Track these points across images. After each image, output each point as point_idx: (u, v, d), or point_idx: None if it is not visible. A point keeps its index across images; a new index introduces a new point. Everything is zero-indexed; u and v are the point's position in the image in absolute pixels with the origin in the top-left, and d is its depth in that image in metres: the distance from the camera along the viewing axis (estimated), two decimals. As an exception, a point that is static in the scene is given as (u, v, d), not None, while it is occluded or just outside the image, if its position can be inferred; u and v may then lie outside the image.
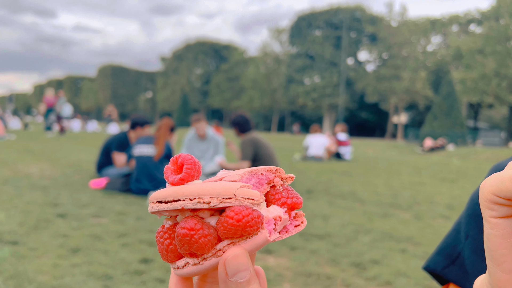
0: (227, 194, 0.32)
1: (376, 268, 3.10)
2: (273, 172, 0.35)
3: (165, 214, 0.34)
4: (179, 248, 0.32)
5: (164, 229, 0.34)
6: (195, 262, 0.32)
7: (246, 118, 6.36)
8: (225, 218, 0.31)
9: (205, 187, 0.32)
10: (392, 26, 46.00)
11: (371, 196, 6.22)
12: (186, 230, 0.31)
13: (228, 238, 0.32)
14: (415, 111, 49.40)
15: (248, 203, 0.32)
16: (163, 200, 0.33)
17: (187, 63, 69.79)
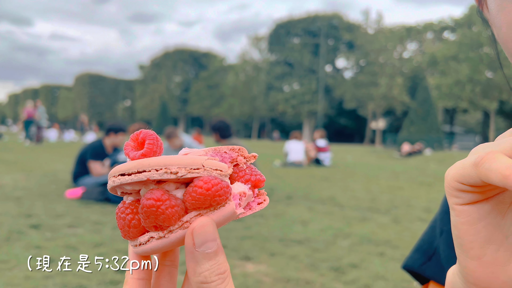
0: (195, 164, 0.31)
1: (355, 272, 3.11)
2: (236, 151, 0.35)
3: (127, 188, 0.32)
4: (143, 221, 0.31)
5: (125, 204, 0.33)
6: (160, 236, 0.31)
7: (227, 124, 6.35)
8: (194, 188, 0.30)
9: (171, 158, 0.31)
10: (369, 34, 46.82)
11: (350, 201, 6.27)
12: (152, 201, 0.30)
13: (196, 209, 0.31)
14: (393, 117, 50.21)
15: (216, 174, 0.31)
16: (126, 173, 0.31)
17: (166, 71, 69.41)
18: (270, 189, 7.16)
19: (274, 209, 5.40)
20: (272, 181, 8.20)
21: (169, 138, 6.74)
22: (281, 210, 5.38)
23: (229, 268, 0.31)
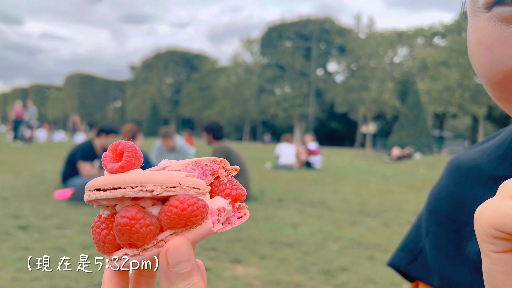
0: (171, 182, 0.30)
1: (345, 275, 3.12)
2: (217, 163, 0.34)
3: (103, 203, 0.32)
4: (118, 239, 0.31)
5: (101, 218, 0.32)
6: (135, 253, 0.31)
7: (220, 125, 6.36)
8: (169, 207, 0.30)
9: (148, 175, 0.30)
10: (360, 38, 47.13)
11: (340, 204, 6.29)
12: (127, 219, 0.29)
13: (171, 228, 0.30)
14: (383, 121, 50.56)
15: (193, 192, 0.31)
16: (101, 188, 0.31)
17: (157, 72, 69.17)
18: (261, 191, 7.16)
19: (264, 212, 5.40)
20: (263, 184, 8.20)
21: (165, 137, 6.72)
22: (271, 213, 5.38)
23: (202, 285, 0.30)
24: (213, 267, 3.14)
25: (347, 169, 14.04)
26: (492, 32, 0.38)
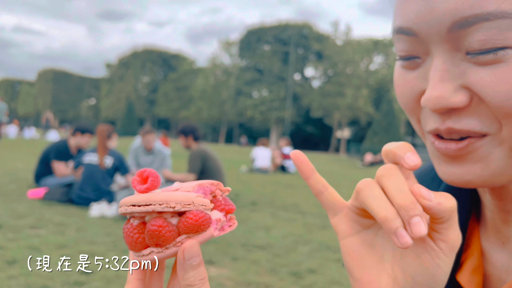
0: (187, 201, 0.41)
1: (312, 276, 3.28)
2: (215, 185, 0.45)
3: (135, 215, 0.42)
4: (148, 240, 0.41)
5: (133, 226, 0.42)
6: (159, 251, 0.41)
7: (196, 127, 6.42)
8: (186, 219, 0.40)
9: (170, 195, 0.41)
10: (337, 45, 47.91)
11: (312, 208, 6.47)
12: (156, 227, 0.40)
13: (186, 233, 0.41)
14: (357, 127, 51.47)
15: (202, 208, 0.42)
16: (136, 204, 0.41)
17: (133, 71, 68.41)
18: (236, 194, 7.28)
19: (238, 215, 5.52)
20: (238, 187, 8.32)
21: (146, 134, 6.72)
22: (245, 216, 5.51)
23: (207, 275, 0.41)
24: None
25: (321, 174, 14.09)
26: (398, 74, 0.48)
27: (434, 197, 0.38)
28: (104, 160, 5.59)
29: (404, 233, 0.38)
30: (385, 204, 0.39)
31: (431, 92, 0.42)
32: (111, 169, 5.62)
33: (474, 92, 0.42)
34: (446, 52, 0.42)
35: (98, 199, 5.36)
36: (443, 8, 0.40)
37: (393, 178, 0.40)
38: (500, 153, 0.43)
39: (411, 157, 0.40)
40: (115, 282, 2.84)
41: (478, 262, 0.53)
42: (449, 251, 0.40)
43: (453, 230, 0.40)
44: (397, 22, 0.45)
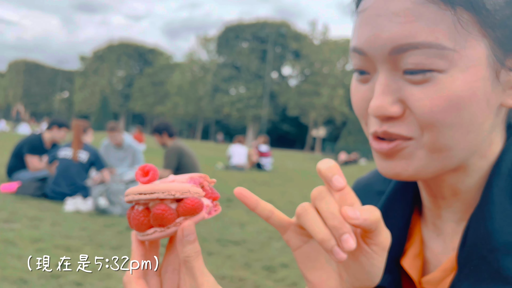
0: (185, 190, 0.49)
1: (285, 271, 3.40)
2: (202, 178, 0.53)
3: (140, 201, 0.50)
4: (152, 221, 0.49)
5: (139, 211, 0.50)
6: (162, 230, 0.49)
7: (169, 123, 6.45)
8: (185, 204, 0.49)
9: (170, 185, 0.49)
10: (315, 44, 48.40)
11: (286, 205, 6.61)
12: (161, 211, 0.48)
13: (184, 215, 0.49)
14: (333, 126, 52.20)
15: (197, 196, 0.50)
16: (143, 193, 0.49)
17: (108, 64, 67.30)
18: (211, 191, 7.34)
19: (213, 211, 5.60)
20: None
21: (112, 130, 6.69)
22: (221, 212, 5.45)
23: (200, 249, 0.49)
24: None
25: (296, 172, 14.52)
26: (354, 86, 0.58)
27: (360, 214, 0.44)
28: (78, 154, 5.56)
29: (338, 250, 0.44)
30: (319, 227, 0.46)
31: (374, 102, 0.51)
32: (87, 164, 5.60)
33: (406, 105, 0.51)
34: (388, 71, 0.51)
35: (73, 194, 5.34)
36: (385, 36, 0.50)
37: (324, 201, 0.46)
38: (422, 153, 0.52)
39: (338, 179, 0.46)
40: (91, 275, 2.88)
41: (419, 249, 0.64)
42: (381, 252, 0.48)
43: (382, 234, 0.47)
44: (353, 43, 0.55)
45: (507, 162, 0.55)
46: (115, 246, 3.64)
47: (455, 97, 0.49)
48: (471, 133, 0.51)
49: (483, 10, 0.48)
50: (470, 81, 0.49)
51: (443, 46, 0.48)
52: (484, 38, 0.49)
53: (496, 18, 0.49)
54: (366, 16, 0.52)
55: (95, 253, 3.40)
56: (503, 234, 0.52)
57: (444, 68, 0.48)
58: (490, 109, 0.52)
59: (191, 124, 63.57)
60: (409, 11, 0.48)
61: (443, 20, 0.48)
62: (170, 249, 0.53)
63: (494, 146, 0.56)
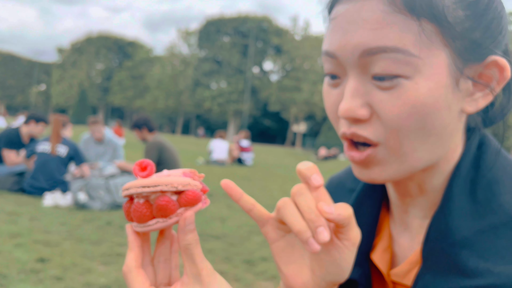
0: (185, 183, 0.52)
1: (264, 264, 3.46)
2: (192, 172, 0.56)
3: (143, 194, 0.52)
4: (155, 213, 0.51)
5: (140, 203, 0.52)
6: (164, 220, 0.52)
7: (149, 118, 6.42)
8: (186, 195, 0.52)
9: (173, 179, 0.52)
10: (296, 40, 48.54)
11: (267, 200, 6.68)
12: (165, 202, 0.50)
13: (184, 206, 0.52)
14: (313, 122, 52.57)
15: (196, 188, 0.53)
16: (146, 186, 0.51)
17: (87, 57, 66.08)
18: (192, 186, 7.35)
19: (194, 206, 5.62)
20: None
21: (93, 124, 6.62)
22: (201, 207, 5.61)
23: (198, 237, 0.52)
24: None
25: (277, 167, 14.61)
26: (326, 90, 0.61)
27: (334, 210, 0.49)
28: (56, 148, 5.50)
29: (313, 241, 0.48)
30: (297, 219, 0.49)
31: (343, 105, 0.54)
32: (66, 159, 5.55)
33: (374, 110, 0.54)
34: (357, 75, 0.54)
35: (51, 189, 5.29)
36: (356, 41, 0.53)
37: (303, 197, 0.50)
38: (391, 159, 0.56)
39: (316, 178, 0.50)
40: (71, 269, 2.89)
41: (387, 244, 0.69)
42: (351, 247, 0.52)
43: (353, 230, 0.52)
44: (325, 46, 0.58)
45: (466, 164, 0.60)
46: (95, 241, 3.64)
47: (419, 103, 0.52)
48: (434, 137, 0.55)
49: (445, 22, 0.52)
50: (433, 88, 0.52)
51: (409, 53, 0.51)
52: (446, 48, 0.52)
53: (456, 30, 0.52)
54: (338, 22, 0.56)
55: (75, 248, 3.40)
56: (461, 230, 0.55)
57: (410, 75, 0.51)
58: (452, 115, 0.55)
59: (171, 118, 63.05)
60: (378, 19, 0.52)
61: (410, 29, 0.51)
62: (160, 241, 0.57)
63: (456, 149, 0.61)
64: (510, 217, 0.54)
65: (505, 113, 0.63)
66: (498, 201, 0.56)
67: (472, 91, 0.56)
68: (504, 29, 0.57)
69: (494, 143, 0.63)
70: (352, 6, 0.54)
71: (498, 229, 0.54)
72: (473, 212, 0.56)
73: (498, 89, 0.57)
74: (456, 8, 0.52)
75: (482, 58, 0.55)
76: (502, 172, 0.59)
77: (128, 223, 0.55)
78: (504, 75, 0.55)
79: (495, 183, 0.57)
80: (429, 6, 0.51)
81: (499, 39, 0.56)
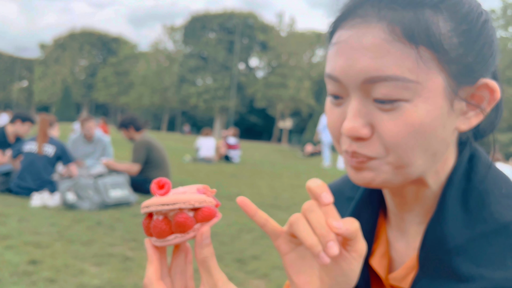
0: (201, 200, 0.56)
1: (256, 262, 3.50)
2: (205, 188, 0.60)
3: (161, 212, 0.56)
4: (174, 229, 0.55)
5: (159, 220, 0.56)
6: (182, 236, 0.55)
7: (136, 116, 6.41)
8: (202, 211, 0.56)
9: (190, 196, 0.56)
10: (282, 36, 48.56)
11: (255, 198, 6.72)
12: (184, 219, 0.54)
13: (201, 222, 0.56)
14: (299, 118, 52.75)
15: (211, 205, 0.57)
16: (166, 204, 0.55)
17: (70, 53, 65.09)
18: (180, 184, 7.26)
19: (183, 204, 5.63)
20: (183, 177, 8.39)
21: (86, 121, 6.59)
22: (190, 205, 5.62)
23: (214, 250, 0.57)
24: (134, 256, 3.34)
25: (264, 164, 14.66)
26: (328, 107, 0.64)
27: (343, 225, 0.52)
28: (43, 148, 5.45)
29: (324, 255, 0.52)
30: (309, 234, 0.53)
31: (347, 124, 0.58)
32: (53, 158, 5.50)
33: (375, 129, 0.58)
34: (359, 97, 0.58)
35: (39, 189, 5.24)
36: (358, 68, 0.57)
37: (313, 213, 0.54)
38: (386, 168, 0.60)
39: (326, 196, 0.54)
40: (64, 271, 2.89)
41: (385, 249, 0.73)
42: (358, 258, 0.56)
43: (360, 242, 0.55)
44: (328, 69, 0.62)
45: (459, 175, 0.64)
46: (86, 242, 3.64)
47: (417, 124, 0.56)
48: (430, 153, 0.59)
49: (441, 49, 0.56)
50: (431, 109, 0.56)
51: (408, 79, 0.55)
52: (442, 72, 0.56)
53: (451, 56, 0.56)
54: (340, 48, 0.59)
55: (66, 249, 3.40)
56: (454, 238, 0.60)
57: (409, 98, 0.55)
58: (446, 133, 0.60)
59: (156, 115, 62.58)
60: (379, 47, 0.55)
61: (408, 56, 0.55)
62: (176, 253, 0.61)
63: (449, 161, 0.65)
64: (500, 225, 0.58)
65: (494, 128, 0.69)
66: (488, 211, 0.60)
67: (465, 110, 0.61)
68: (495, 52, 0.61)
69: (484, 156, 0.67)
70: (354, 32, 0.57)
71: (489, 237, 0.58)
72: (466, 221, 0.60)
73: (489, 109, 0.61)
74: (451, 36, 0.56)
75: (474, 81, 0.59)
76: (492, 183, 0.63)
77: (147, 238, 0.59)
78: (494, 96, 0.60)
79: (486, 194, 0.61)
80: (426, 34, 0.55)
81: (490, 61, 0.60)
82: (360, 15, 0.58)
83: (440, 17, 0.56)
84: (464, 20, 0.57)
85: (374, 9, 0.57)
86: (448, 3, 0.57)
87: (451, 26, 0.57)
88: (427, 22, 0.55)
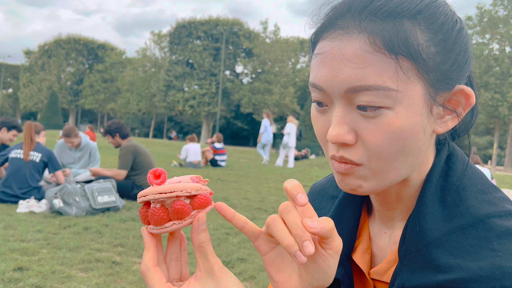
0: (197, 188, 0.57)
1: (242, 265, 3.55)
2: (198, 178, 0.62)
3: (159, 200, 0.57)
4: (172, 216, 0.57)
5: (157, 208, 0.57)
6: (179, 222, 0.57)
7: (122, 123, 6.41)
8: (199, 199, 0.57)
9: (187, 185, 0.57)
10: (266, 43, 48.81)
11: (241, 202, 6.76)
12: (181, 206, 0.56)
13: (197, 209, 0.58)
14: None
15: (206, 192, 0.59)
16: (163, 192, 0.56)
17: (57, 60, 64.38)
18: (167, 190, 7.34)
19: (171, 210, 5.65)
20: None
21: (67, 137, 6.54)
22: (177, 211, 5.64)
23: (209, 236, 0.59)
24: (122, 261, 3.36)
25: (250, 168, 14.70)
26: (314, 115, 0.66)
27: (317, 224, 0.55)
28: (29, 154, 5.43)
29: (300, 254, 0.54)
30: (286, 234, 0.55)
31: (331, 131, 0.60)
32: (40, 165, 5.49)
33: (359, 135, 0.60)
34: (343, 105, 0.61)
35: (25, 196, 5.22)
36: (341, 78, 0.59)
37: (290, 214, 0.57)
38: (371, 175, 0.63)
39: (301, 197, 0.56)
40: (51, 277, 2.90)
41: (367, 245, 0.76)
42: (335, 255, 0.58)
43: (335, 240, 0.57)
44: (312, 79, 0.64)
45: (437, 174, 0.67)
46: (73, 248, 3.65)
47: (399, 130, 0.59)
48: (411, 157, 0.62)
49: (420, 59, 0.58)
50: (411, 116, 0.59)
51: (389, 88, 0.57)
52: (421, 80, 0.59)
53: (429, 64, 0.59)
54: (324, 58, 0.61)
55: (53, 255, 3.40)
56: (433, 231, 0.62)
57: (391, 105, 0.58)
58: (426, 137, 0.62)
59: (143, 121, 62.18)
60: (361, 58, 0.57)
61: (389, 66, 0.57)
62: (171, 241, 0.64)
63: (429, 161, 0.69)
64: (475, 219, 0.61)
65: (469, 129, 0.73)
66: (465, 205, 0.63)
67: (442, 114, 0.64)
68: (469, 58, 0.64)
69: (461, 155, 0.71)
70: (337, 44, 0.60)
71: (465, 230, 0.61)
72: (444, 215, 0.63)
73: (464, 113, 0.65)
74: (429, 46, 0.59)
75: (451, 88, 0.62)
76: (468, 180, 0.67)
77: (144, 226, 0.61)
78: (469, 101, 0.64)
79: (462, 190, 0.65)
80: (405, 45, 0.57)
81: (465, 68, 0.63)
82: (342, 27, 0.60)
83: (417, 28, 0.58)
84: (440, 30, 0.60)
85: (355, 21, 0.59)
86: (425, 13, 0.59)
87: (428, 36, 0.59)
88: (405, 33, 0.57)
